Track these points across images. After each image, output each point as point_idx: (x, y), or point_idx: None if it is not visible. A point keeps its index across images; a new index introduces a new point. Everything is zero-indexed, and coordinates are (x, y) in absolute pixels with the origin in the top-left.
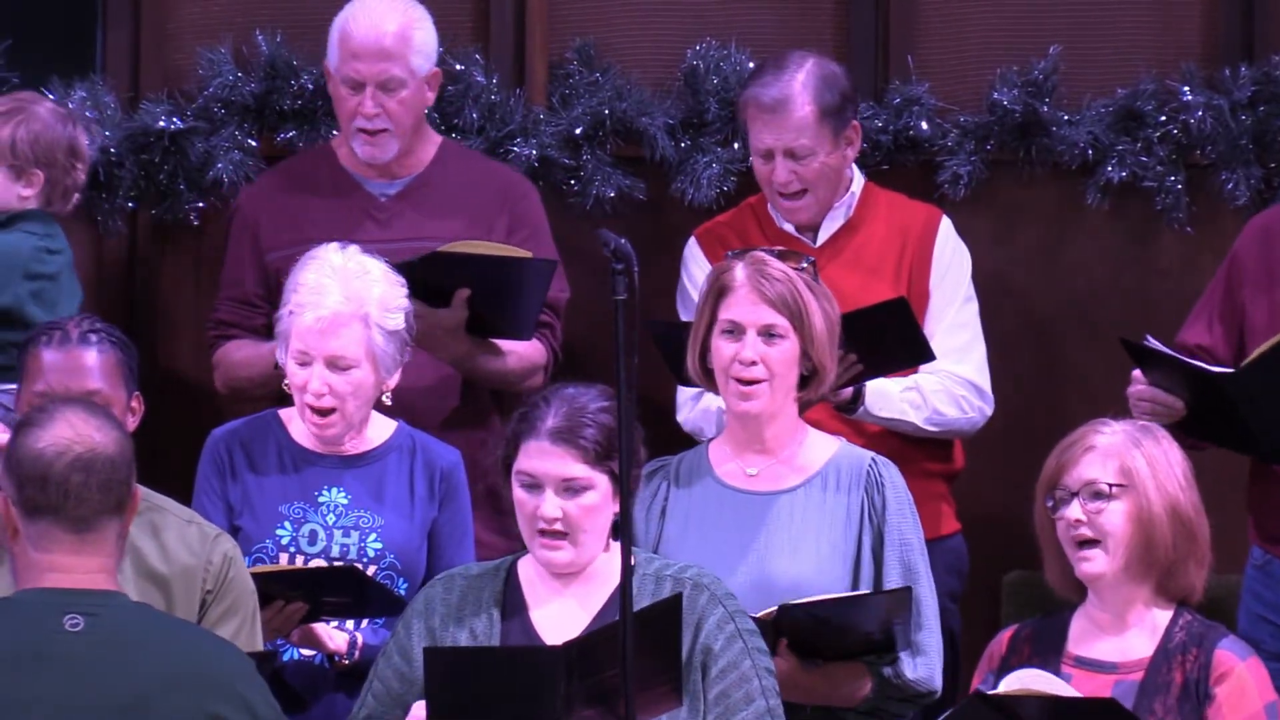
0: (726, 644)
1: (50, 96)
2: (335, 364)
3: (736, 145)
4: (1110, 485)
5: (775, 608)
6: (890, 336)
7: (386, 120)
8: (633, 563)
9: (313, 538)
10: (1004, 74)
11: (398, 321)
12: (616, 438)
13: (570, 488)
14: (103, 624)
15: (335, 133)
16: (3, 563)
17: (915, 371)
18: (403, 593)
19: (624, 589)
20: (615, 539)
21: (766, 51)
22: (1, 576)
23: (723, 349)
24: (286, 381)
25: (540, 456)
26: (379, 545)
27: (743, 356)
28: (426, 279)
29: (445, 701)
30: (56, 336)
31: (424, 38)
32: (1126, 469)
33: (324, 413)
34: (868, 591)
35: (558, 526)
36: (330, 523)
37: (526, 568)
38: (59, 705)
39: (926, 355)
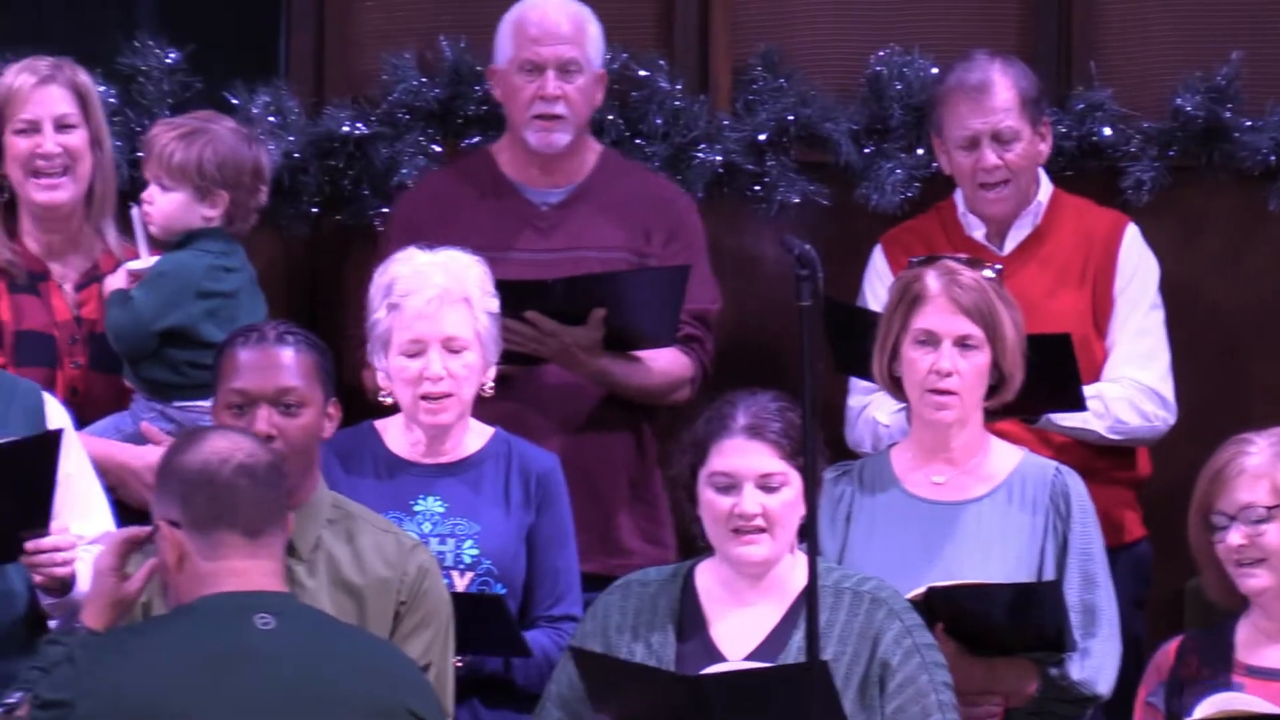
0: (904, 659)
1: (234, 102)
2: (450, 346)
3: (920, 151)
4: (1267, 508)
5: (924, 588)
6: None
7: (565, 105)
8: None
9: None
10: (1186, 80)
11: (494, 305)
12: (802, 436)
13: (767, 484)
14: (291, 622)
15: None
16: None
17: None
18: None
19: (810, 594)
20: (800, 543)
21: (950, 57)
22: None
23: (917, 360)
24: (383, 393)
25: (736, 454)
26: (476, 552)
27: (939, 367)
28: (562, 300)
29: (601, 695)
30: (253, 337)
31: (596, 31)
32: (1278, 487)
33: (439, 398)
34: (1007, 582)
35: (757, 523)
36: (426, 531)
37: (705, 576)
38: (259, 703)
39: (1078, 404)
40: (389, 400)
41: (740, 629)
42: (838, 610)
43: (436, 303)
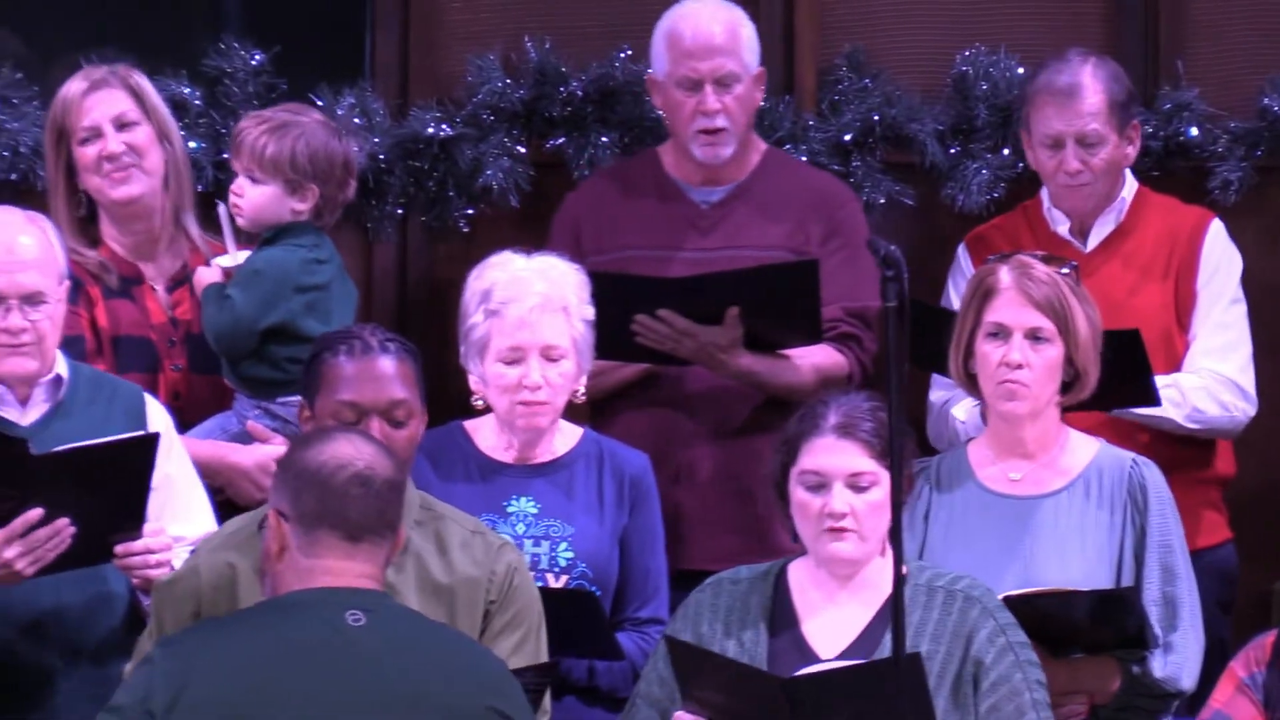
0: (998, 657)
1: (319, 103)
2: (548, 354)
3: (1006, 151)
4: None
5: (1000, 597)
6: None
7: (726, 118)
8: (904, 571)
9: None
10: (1273, 79)
11: (590, 313)
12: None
13: (856, 484)
14: (381, 619)
15: (657, 143)
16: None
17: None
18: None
19: (895, 596)
20: (890, 543)
21: (1035, 57)
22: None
23: (989, 353)
24: (476, 397)
25: (826, 453)
26: (570, 554)
27: (1009, 359)
28: (694, 299)
29: (692, 686)
30: (357, 346)
31: (750, 34)
32: None
33: (535, 405)
34: (1083, 589)
35: (846, 523)
36: (520, 532)
37: (798, 573)
38: (346, 696)
39: (1151, 399)
40: (480, 404)
41: (832, 627)
42: (930, 609)
43: (537, 311)
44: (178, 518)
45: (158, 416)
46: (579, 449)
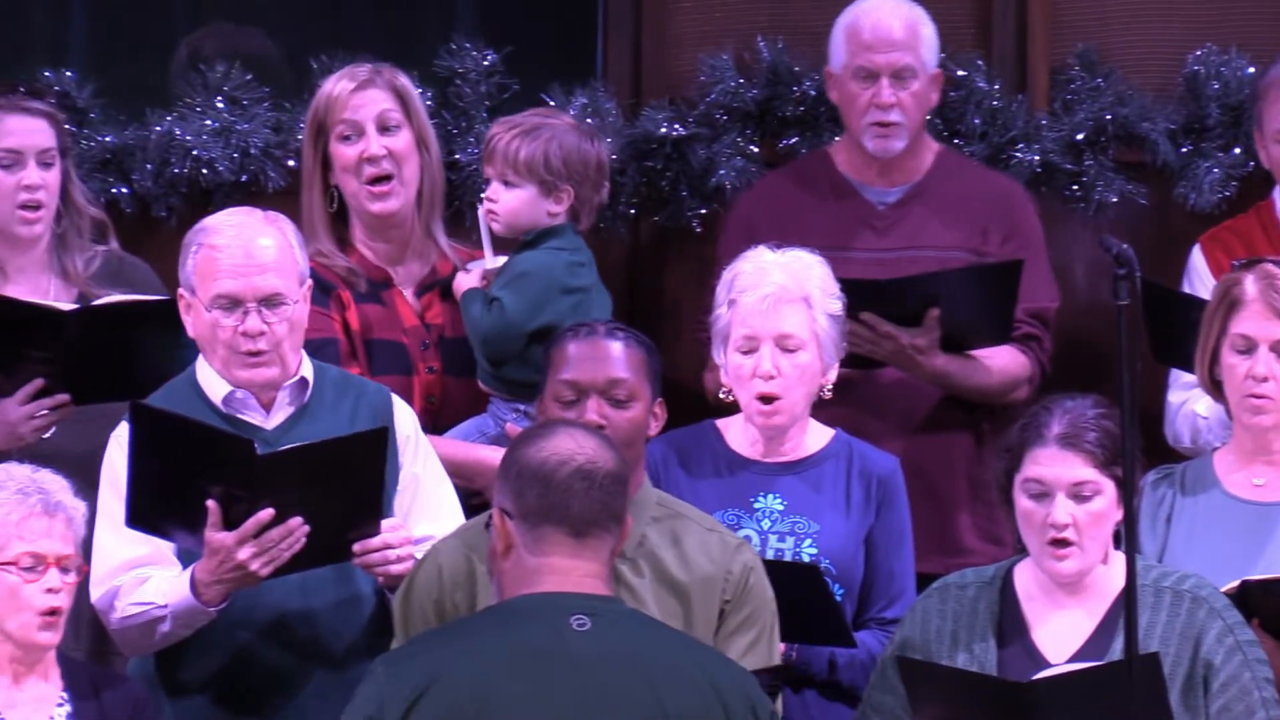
0: (1227, 657)
1: (550, 104)
2: (783, 344)
3: (1238, 150)
4: None
5: (1238, 582)
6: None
7: (900, 112)
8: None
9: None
10: None
11: (837, 307)
12: (1118, 443)
13: (1079, 494)
14: (607, 624)
15: (836, 139)
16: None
17: None
18: (839, 598)
19: (1129, 599)
20: (1117, 547)
21: (1266, 57)
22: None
23: (1235, 365)
24: (724, 390)
25: (1049, 463)
26: (814, 551)
27: (1255, 372)
28: (895, 300)
29: (924, 702)
30: (583, 331)
31: (930, 33)
32: None
33: (769, 399)
34: None
35: (1067, 534)
36: (766, 528)
37: (1024, 577)
38: (569, 705)
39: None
40: (729, 398)
41: (1061, 632)
42: (1158, 610)
43: (772, 300)
44: (424, 517)
45: (405, 417)
46: (829, 448)
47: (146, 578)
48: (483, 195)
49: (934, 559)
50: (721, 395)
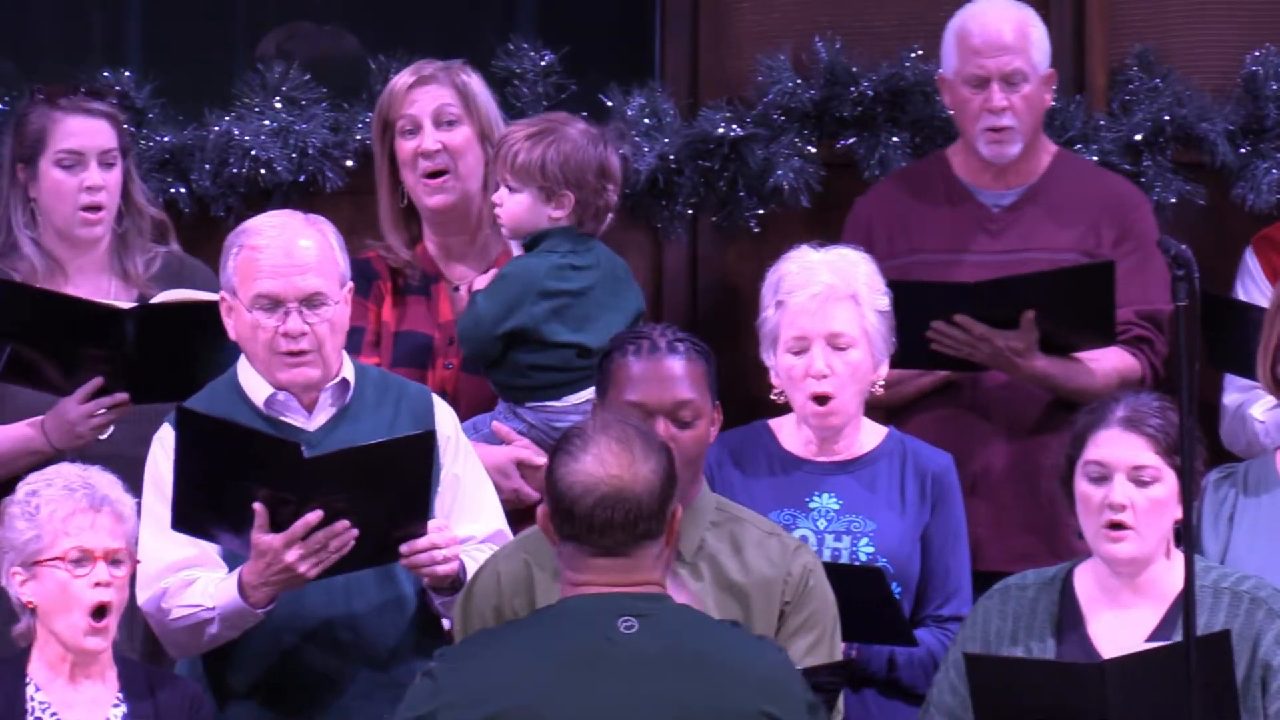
0: None
1: (608, 104)
2: (834, 343)
3: None
4: None
5: None
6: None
7: (1012, 116)
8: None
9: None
10: None
11: (885, 303)
12: (1180, 435)
13: (1139, 478)
14: (655, 625)
15: (950, 144)
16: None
17: None
18: (897, 596)
19: (1187, 598)
20: (1177, 546)
21: None
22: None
23: None
24: (776, 392)
25: (1110, 444)
26: (871, 549)
27: None
28: (984, 302)
29: (990, 709)
30: (645, 346)
31: (1040, 35)
32: None
33: (823, 399)
34: None
35: (1124, 516)
36: (821, 528)
37: (1084, 578)
38: (617, 707)
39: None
40: (781, 399)
41: (1119, 631)
42: (1216, 612)
43: (821, 299)
44: (466, 517)
45: (445, 418)
46: (883, 447)
47: (193, 580)
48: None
49: (1043, 559)
50: (773, 397)
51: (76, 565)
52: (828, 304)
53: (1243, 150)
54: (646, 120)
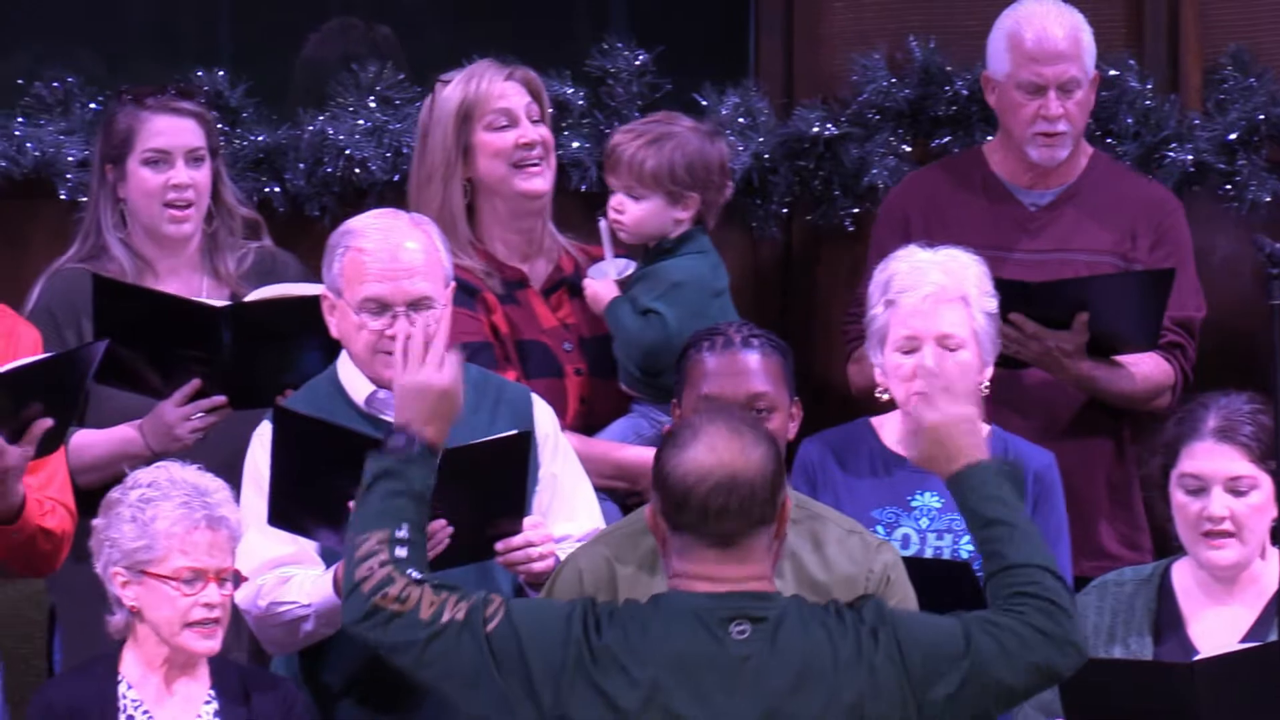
0: None
1: (703, 104)
2: (944, 343)
3: None
4: None
5: None
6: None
7: (1066, 122)
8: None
9: (905, 542)
10: None
11: (993, 305)
12: (1274, 437)
13: (1235, 488)
14: (765, 632)
15: (989, 138)
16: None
17: None
18: None
19: None
20: (1274, 544)
21: None
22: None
23: None
24: (880, 389)
25: (1206, 457)
26: (971, 548)
27: None
28: (1044, 302)
29: (1079, 706)
30: (719, 341)
31: (1089, 39)
32: None
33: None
34: None
35: (1225, 526)
36: (923, 526)
37: (1182, 574)
38: (737, 711)
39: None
40: (885, 396)
41: (1217, 629)
42: None
43: (932, 300)
44: (562, 516)
45: (544, 417)
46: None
47: (289, 577)
48: (609, 205)
49: (1076, 561)
50: (877, 394)
51: (188, 585)
52: (938, 305)
53: None
54: (741, 120)
